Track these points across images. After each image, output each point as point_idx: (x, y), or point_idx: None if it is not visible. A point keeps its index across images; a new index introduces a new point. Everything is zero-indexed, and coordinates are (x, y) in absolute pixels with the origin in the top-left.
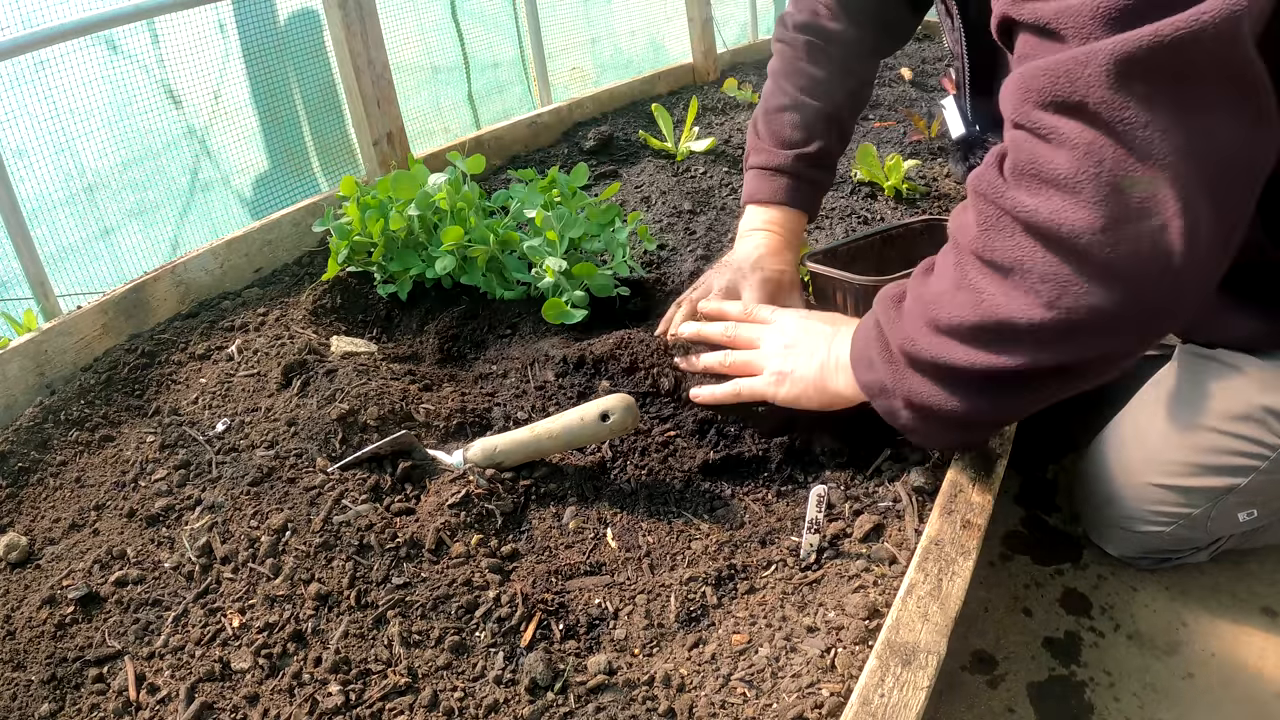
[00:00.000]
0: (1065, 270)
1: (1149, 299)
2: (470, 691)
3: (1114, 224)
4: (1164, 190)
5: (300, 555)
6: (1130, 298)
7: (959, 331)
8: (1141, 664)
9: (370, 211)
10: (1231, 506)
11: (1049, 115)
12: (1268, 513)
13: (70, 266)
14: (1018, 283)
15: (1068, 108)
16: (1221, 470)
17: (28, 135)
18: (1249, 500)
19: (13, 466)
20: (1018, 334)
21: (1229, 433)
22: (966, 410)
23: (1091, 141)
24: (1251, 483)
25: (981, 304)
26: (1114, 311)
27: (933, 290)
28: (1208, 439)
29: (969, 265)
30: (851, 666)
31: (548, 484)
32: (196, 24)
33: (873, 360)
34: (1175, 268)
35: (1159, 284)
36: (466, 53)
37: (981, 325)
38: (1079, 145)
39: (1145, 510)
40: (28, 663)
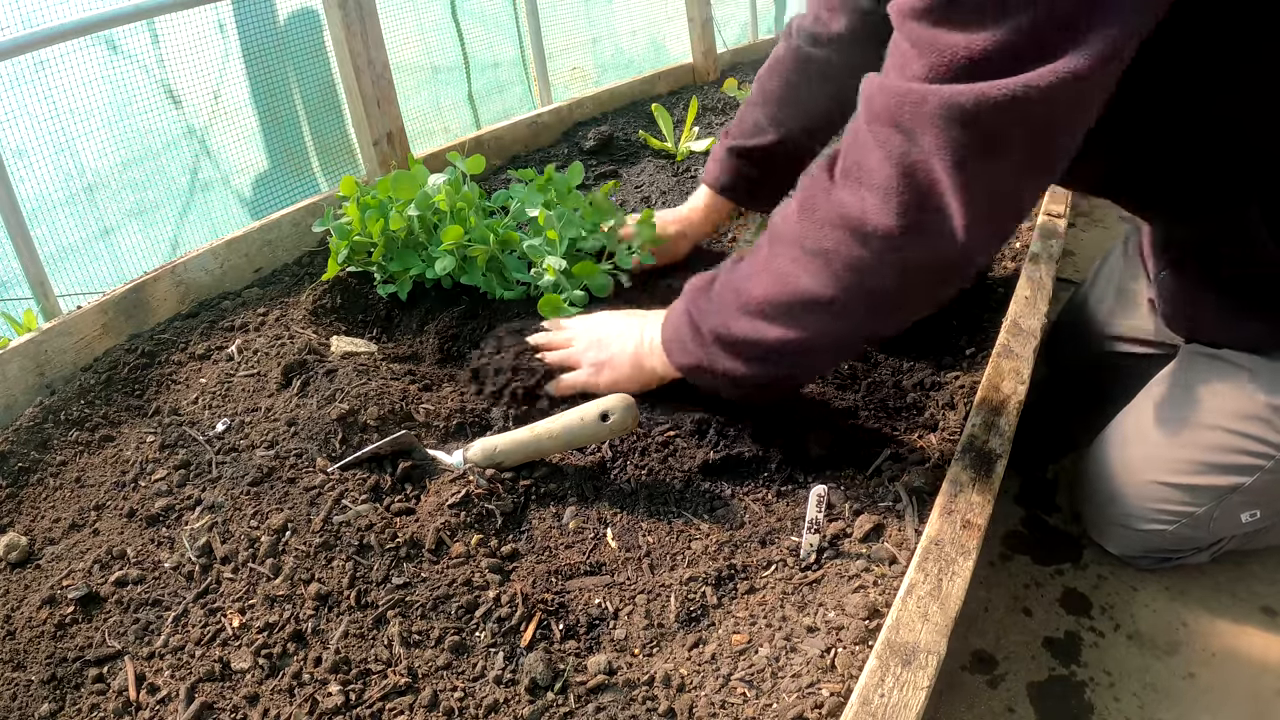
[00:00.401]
0: (866, 260)
1: (924, 291)
2: (470, 691)
3: (911, 231)
4: (956, 215)
5: (300, 555)
6: (911, 288)
7: (767, 310)
8: (1142, 664)
9: (370, 211)
10: (1235, 506)
11: (884, 129)
12: (1270, 514)
13: (70, 266)
14: (823, 267)
15: (901, 129)
16: (1226, 469)
17: (28, 135)
18: (1253, 500)
19: (13, 466)
20: (819, 310)
21: (1235, 431)
22: (771, 376)
23: (911, 163)
24: (1256, 482)
25: (790, 284)
26: (896, 298)
27: (743, 275)
28: (1213, 437)
29: (784, 252)
30: (851, 666)
31: (548, 484)
32: (196, 24)
33: (685, 344)
34: (949, 275)
35: (934, 284)
36: (466, 53)
37: (789, 303)
38: (900, 163)
39: (1148, 508)
40: (28, 663)
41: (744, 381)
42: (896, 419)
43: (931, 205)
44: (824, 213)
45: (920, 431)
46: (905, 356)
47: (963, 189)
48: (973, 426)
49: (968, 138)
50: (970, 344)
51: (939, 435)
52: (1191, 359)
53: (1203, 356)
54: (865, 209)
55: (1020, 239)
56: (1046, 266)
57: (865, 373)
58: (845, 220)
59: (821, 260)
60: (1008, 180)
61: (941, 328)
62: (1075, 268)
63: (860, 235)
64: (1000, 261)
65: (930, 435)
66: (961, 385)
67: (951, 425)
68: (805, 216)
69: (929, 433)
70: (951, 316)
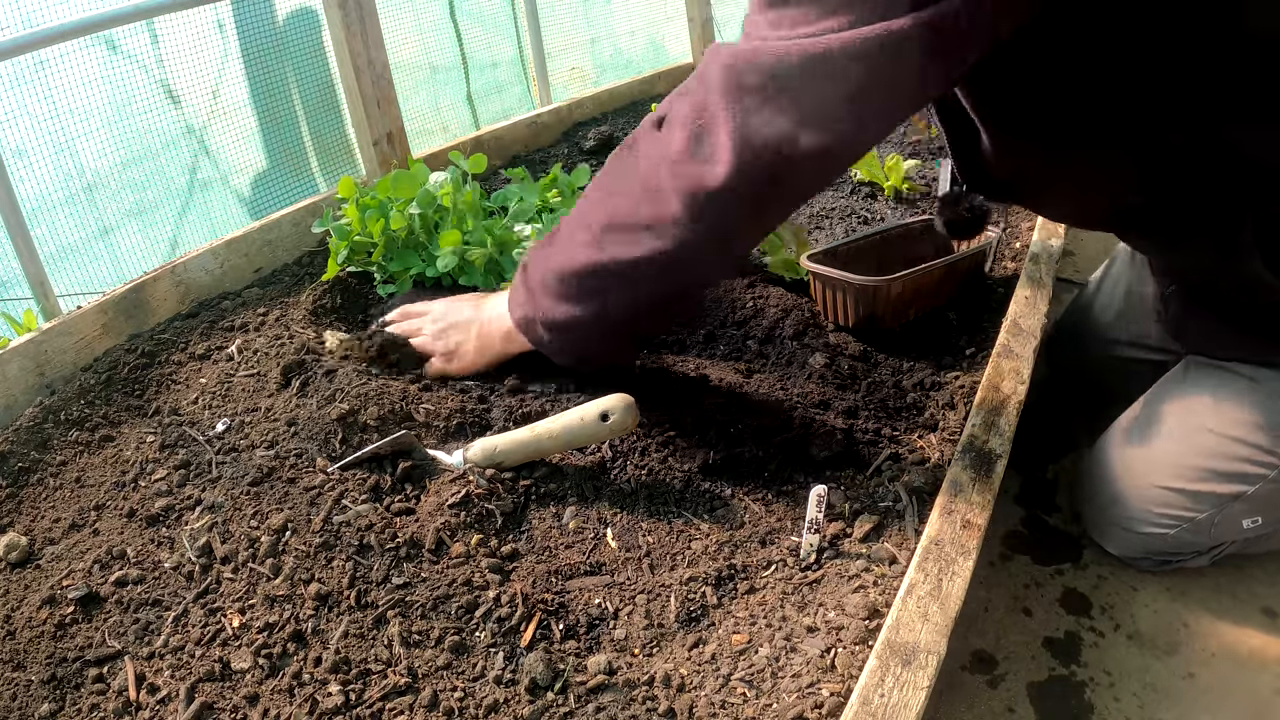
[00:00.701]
0: (659, 182)
1: (692, 216)
2: (470, 691)
3: (684, 159)
4: (724, 155)
5: (300, 555)
6: (682, 212)
7: (585, 236)
8: (1142, 664)
9: (370, 211)
10: (1236, 514)
11: (693, 79)
12: (1271, 521)
13: (70, 266)
14: (637, 190)
15: (705, 75)
16: (1229, 477)
17: (27, 135)
18: (1254, 509)
19: (13, 466)
20: (628, 229)
21: (1238, 440)
22: (591, 317)
23: (702, 103)
24: (1258, 491)
25: (608, 208)
26: (676, 216)
27: (569, 217)
28: (1217, 444)
29: (604, 182)
30: (851, 666)
31: (548, 484)
32: (196, 24)
33: (519, 299)
34: (706, 205)
35: (695, 209)
36: (465, 52)
37: (608, 224)
38: (697, 103)
39: (1149, 512)
40: (28, 663)
41: (567, 328)
42: (896, 419)
43: (704, 139)
44: (644, 146)
45: (920, 431)
46: (905, 356)
47: (738, 133)
48: (973, 426)
49: (751, 88)
50: (970, 344)
51: (939, 435)
52: (1196, 365)
53: (1208, 364)
54: (668, 139)
55: (1020, 239)
56: (1046, 266)
57: (865, 373)
58: (658, 152)
59: (638, 184)
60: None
61: (941, 327)
62: (1075, 268)
63: (664, 162)
64: (1000, 261)
65: (930, 435)
66: (961, 385)
67: (951, 425)
68: (631, 144)
69: (929, 433)
70: (952, 316)
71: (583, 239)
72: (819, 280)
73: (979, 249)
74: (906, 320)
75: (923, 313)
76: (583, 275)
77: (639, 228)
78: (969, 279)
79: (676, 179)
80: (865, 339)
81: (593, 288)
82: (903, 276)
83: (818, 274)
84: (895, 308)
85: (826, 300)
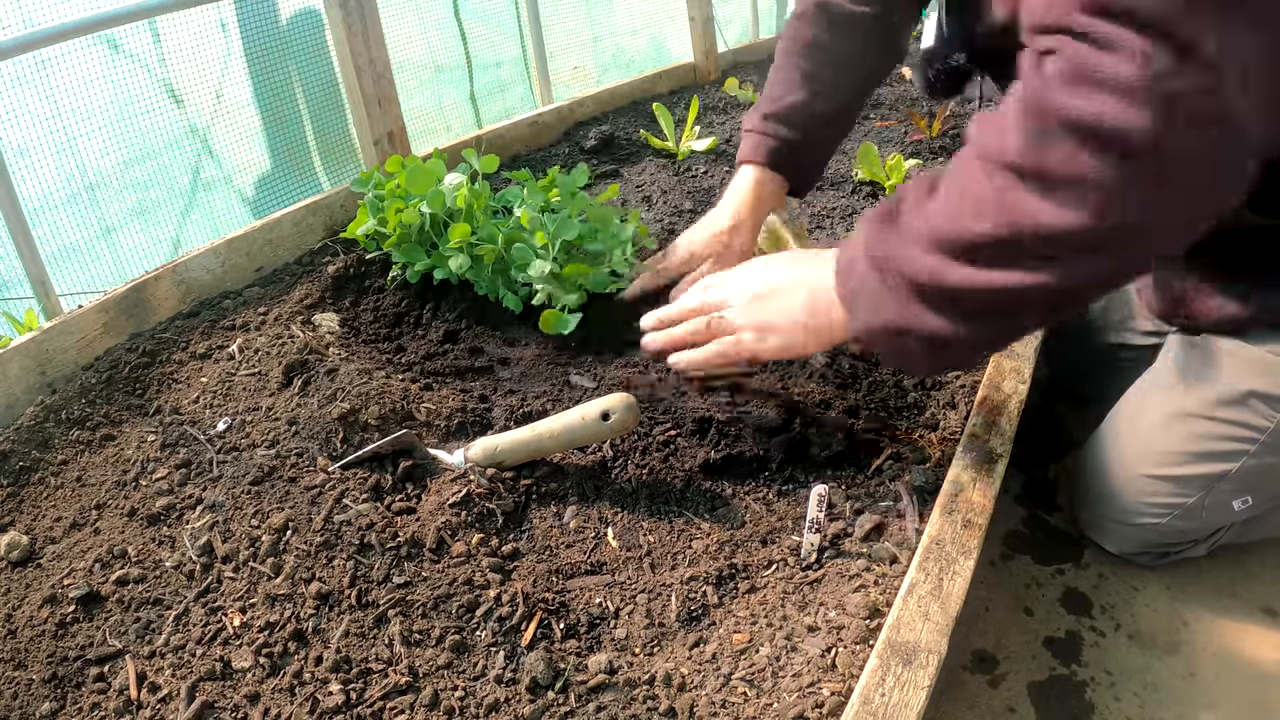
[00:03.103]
0: (1119, 177)
1: (1194, 207)
2: (471, 691)
3: (1170, 131)
4: (1222, 103)
5: (301, 554)
6: (1177, 205)
7: (987, 251)
8: (1142, 663)
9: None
10: (1225, 494)
11: (1102, 22)
12: (1262, 499)
13: (71, 266)
14: (1066, 192)
15: (1122, 13)
16: (1212, 457)
17: (29, 134)
18: (1242, 487)
19: (14, 465)
20: (1057, 247)
21: (1217, 418)
22: (992, 334)
23: (1148, 50)
24: (1242, 468)
25: (1020, 216)
26: (1159, 219)
27: (947, 210)
28: (1196, 426)
29: (1001, 176)
30: (852, 666)
31: (548, 483)
32: (198, 23)
33: (875, 301)
34: (1221, 179)
35: (1206, 193)
36: (468, 52)
37: (1018, 240)
38: (1138, 52)
39: (1140, 503)
40: (29, 661)
41: (955, 343)
42: (897, 418)
43: (1189, 94)
44: (1053, 128)
45: (921, 431)
46: None
47: (1224, 69)
48: (973, 426)
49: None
50: None
51: (940, 435)
52: (1174, 350)
53: (1185, 346)
54: (1113, 114)
55: None
56: None
57: (866, 372)
58: (1087, 132)
59: (1065, 185)
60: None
61: None
62: None
63: (1111, 147)
64: None
65: (931, 435)
66: (962, 385)
67: (952, 425)
68: (1028, 132)
69: (930, 432)
70: None
71: (992, 248)
72: None
73: None
74: None
75: None
76: (1001, 297)
77: (1087, 242)
78: None
79: (1168, 178)
80: None
81: (992, 308)
82: None
83: None
84: None
85: None
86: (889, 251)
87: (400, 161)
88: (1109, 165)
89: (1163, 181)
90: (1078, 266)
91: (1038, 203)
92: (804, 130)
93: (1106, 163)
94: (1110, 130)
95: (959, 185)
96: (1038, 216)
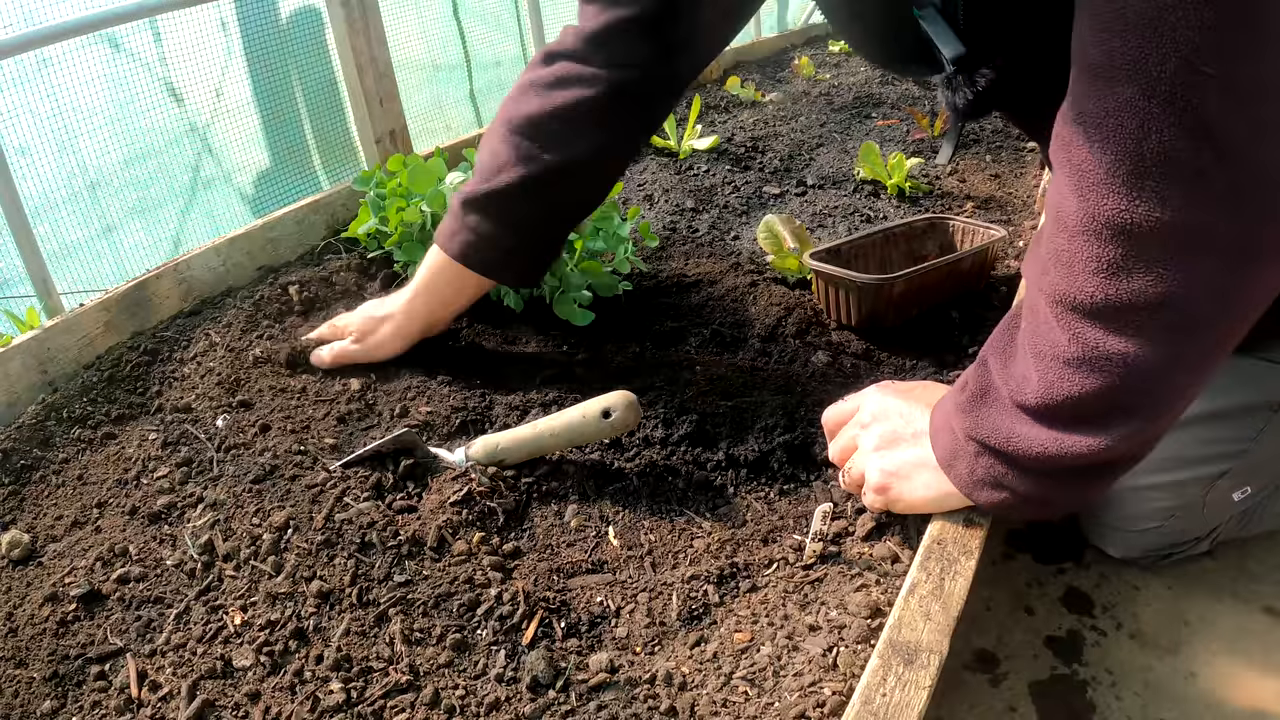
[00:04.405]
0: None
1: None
2: (472, 689)
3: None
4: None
5: (302, 553)
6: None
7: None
8: (1144, 663)
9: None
10: (1224, 489)
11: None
12: (1261, 488)
13: (73, 264)
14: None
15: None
16: (1211, 459)
17: (30, 133)
18: (1241, 479)
19: (15, 464)
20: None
21: (1213, 423)
22: (1078, 495)
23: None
24: (1241, 464)
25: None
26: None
27: (1022, 376)
28: (1196, 432)
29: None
30: (853, 665)
31: (549, 482)
32: (198, 22)
33: (973, 474)
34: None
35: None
36: (468, 51)
37: (1095, 411)
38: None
39: (1141, 510)
40: (30, 660)
41: (1044, 501)
42: None
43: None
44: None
45: None
46: (908, 355)
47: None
48: None
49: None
50: (973, 342)
51: None
52: None
53: None
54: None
55: (1023, 238)
56: None
57: (868, 371)
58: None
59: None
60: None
61: (944, 326)
62: None
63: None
64: (1003, 261)
65: None
66: None
67: None
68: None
69: None
70: (954, 315)
71: (1063, 417)
72: (822, 279)
73: (981, 248)
74: (909, 318)
75: (925, 311)
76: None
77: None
78: (971, 277)
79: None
80: (868, 337)
81: (1086, 471)
82: (906, 275)
83: (820, 272)
84: (898, 306)
85: (829, 299)
86: (974, 423)
87: (402, 160)
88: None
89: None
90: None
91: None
92: (509, 220)
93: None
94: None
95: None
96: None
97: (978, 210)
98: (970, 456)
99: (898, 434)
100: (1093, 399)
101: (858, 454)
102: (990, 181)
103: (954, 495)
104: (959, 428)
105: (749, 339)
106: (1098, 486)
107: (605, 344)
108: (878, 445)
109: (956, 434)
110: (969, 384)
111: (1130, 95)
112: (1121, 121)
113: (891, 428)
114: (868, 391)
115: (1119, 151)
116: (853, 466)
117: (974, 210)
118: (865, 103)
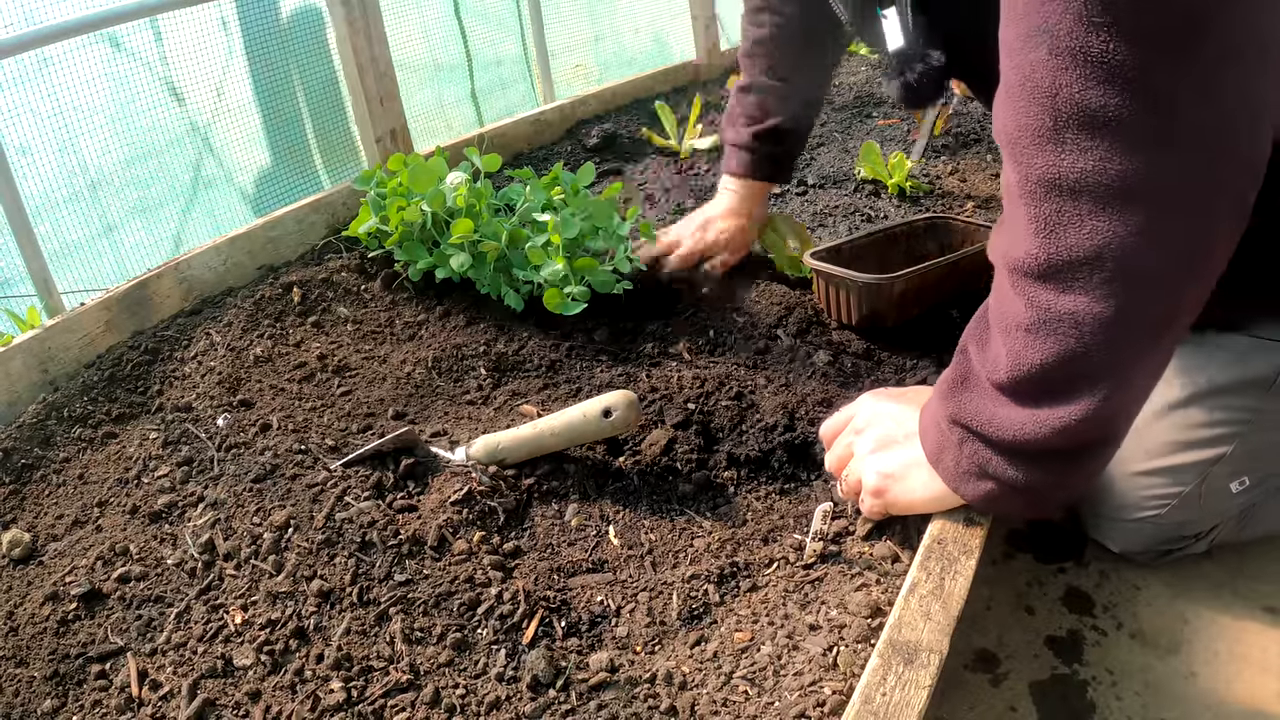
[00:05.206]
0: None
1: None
2: (472, 688)
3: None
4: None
5: (303, 552)
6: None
7: (1028, 387)
8: (1144, 663)
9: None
10: (1222, 478)
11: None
12: (1258, 479)
13: (73, 263)
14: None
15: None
16: (1204, 443)
17: (31, 132)
18: (1238, 467)
19: (16, 463)
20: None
21: (1207, 405)
22: (1081, 474)
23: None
24: (1237, 449)
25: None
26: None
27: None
28: (1189, 415)
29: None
30: (854, 665)
31: (550, 481)
32: (199, 21)
33: (960, 466)
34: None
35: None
36: (469, 50)
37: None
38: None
39: (1137, 498)
40: (30, 659)
41: (1067, 487)
42: None
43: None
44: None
45: None
46: (909, 354)
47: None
48: None
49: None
50: None
51: None
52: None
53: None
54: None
55: None
56: None
57: (869, 370)
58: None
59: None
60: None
61: (945, 325)
62: None
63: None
64: None
65: None
66: None
67: None
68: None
69: None
70: (955, 314)
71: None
72: (822, 278)
73: (982, 247)
74: (910, 318)
75: (926, 310)
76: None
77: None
78: (972, 277)
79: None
80: (868, 337)
81: (1065, 455)
82: (906, 274)
83: (821, 272)
84: (898, 305)
85: (830, 298)
86: (958, 411)
87: (403, 159)
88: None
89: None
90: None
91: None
92: (785, 141)
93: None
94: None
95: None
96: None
97: (978, 210)
98: (955, 446)
99: (891, 437)
100: (1055, 366)
101: (854, 460)
102: (990, 181)
103: (949, 492)
104: (942, 415)
105: (749, 338)
106: (1080, 473)
107: (605, 343)
108: (872, 449)
109: (941, 424)
110: (951, 372)
111: (1039, 57)
112: (1037, 83)
113: (885, 431)
114: (861, 399)
115: (1038, 110)
116: (850, 473)
117: (974, 210)
118: (866, 102)
